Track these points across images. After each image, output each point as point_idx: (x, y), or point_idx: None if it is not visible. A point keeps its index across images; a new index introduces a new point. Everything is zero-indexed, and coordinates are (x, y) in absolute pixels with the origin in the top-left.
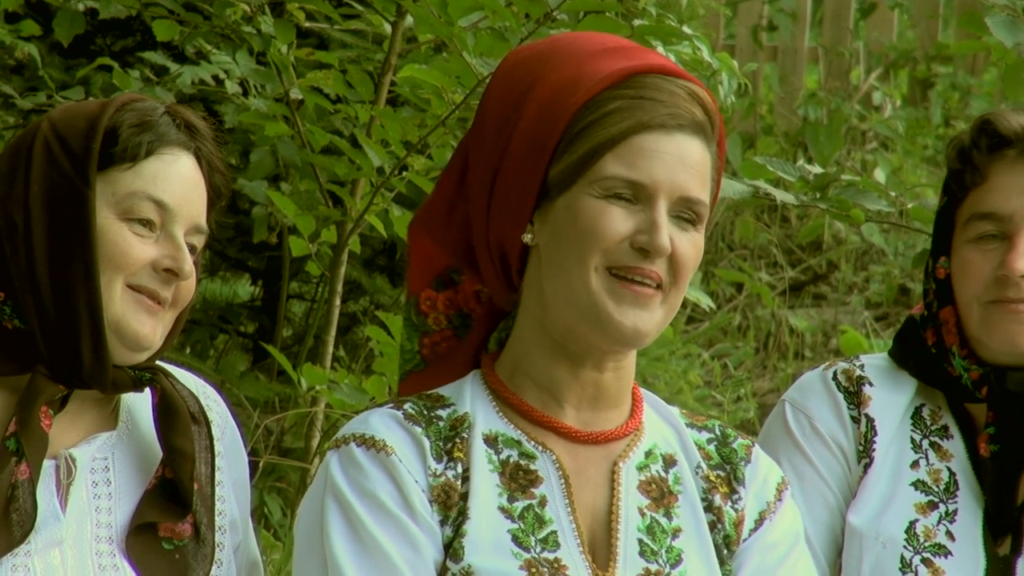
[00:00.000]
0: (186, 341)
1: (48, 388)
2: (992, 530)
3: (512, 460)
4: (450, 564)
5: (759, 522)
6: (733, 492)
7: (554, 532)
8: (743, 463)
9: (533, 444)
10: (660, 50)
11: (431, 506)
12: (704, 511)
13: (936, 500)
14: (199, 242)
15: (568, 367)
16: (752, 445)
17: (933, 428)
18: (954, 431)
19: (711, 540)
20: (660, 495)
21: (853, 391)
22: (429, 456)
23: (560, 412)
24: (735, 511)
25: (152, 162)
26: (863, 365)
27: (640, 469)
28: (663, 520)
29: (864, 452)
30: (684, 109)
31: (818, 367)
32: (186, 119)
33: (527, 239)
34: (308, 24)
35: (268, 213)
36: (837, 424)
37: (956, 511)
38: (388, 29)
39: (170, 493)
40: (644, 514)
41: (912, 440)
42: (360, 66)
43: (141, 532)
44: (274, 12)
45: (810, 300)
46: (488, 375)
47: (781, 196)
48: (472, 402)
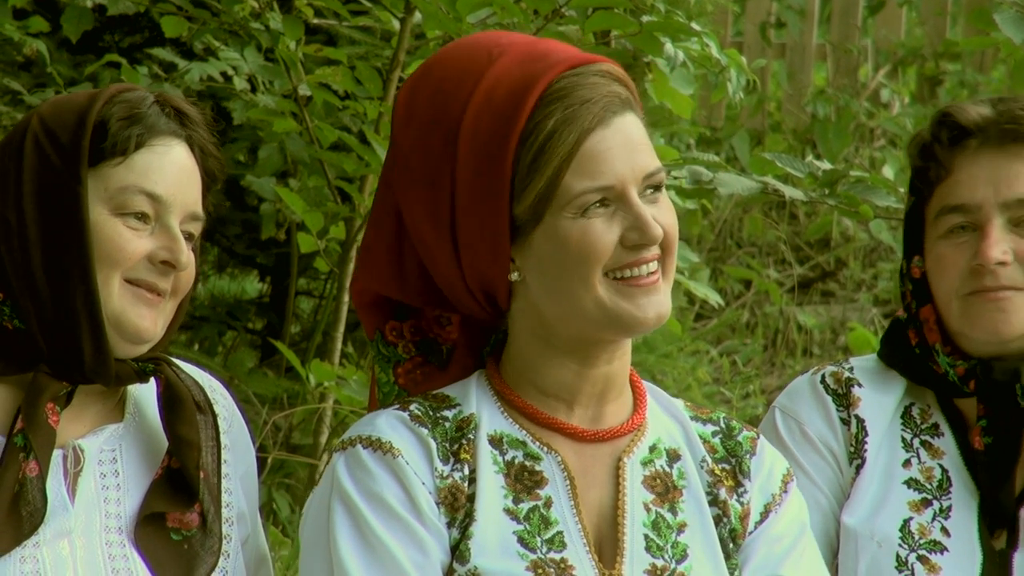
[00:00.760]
0: (194, 338)
1: (52, 385)
2: (987, 524)
3: (517, 461)
4: (457, 566)
5: (764, 515)
6: (738, 485)
7: (560, 532)
8: (748, 456)
9: (538, 445)
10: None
11: (438, 508)
12: (709, 505)
13: (929, 497)
14: (196, 229)
15: (577, 370)
16: (757, 437)
17: (923, 427)
18: (944, 428)
19: (716, 534)
20: (665, 490)
21: (842, 393)
22: (436, 458)
23: (568, 413)
24: (740, 504)
25: (143, 154)
26: (851, 367)
27: (644, 464)
28: (668, 515)
29: (855, 453)
30: (609, 94)
31: (807, 372)
32: (176, 106)
33: (514, 277)
34: (316, 20)
35: (276, 209)
36: (827, 428)
37: (950, 507)
38: (396, 25)
39: (176, 482)
40: (649, 509)
41: (903, 439)
42: (369, 62)
43: (149, 523)
44: (282, 8)
45: (818, 297)
46: (493, 376)
47: (790, 192)
48: (478, 402)
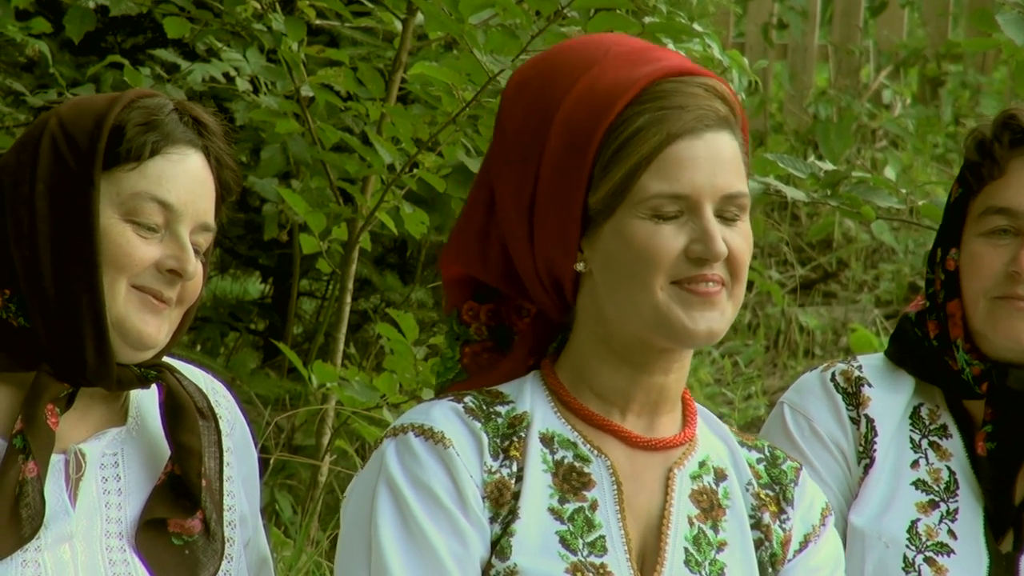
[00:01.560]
0: (197, 339)
1: (53, 386)
2: (993, 527)
3: (567, 461)
4: (495, 562)
5: (804, 544)
6: (781, 512)
7: (602, 537)
8: (792, 484)
9: (589, 448)
10: (670, 47)
11: (483, 502)
12: (751, 528)
13: (937, 499)
14: (206, 240)
15: (632, 375)
16: (800, 467)
17: (932, 428)
18: (953, 430)
19: (755, 557)
20: (710, 507)
21: (852, 392)
22: (486, 452)
23: (621, 419)
24: (783, 530)
25: (157, 162)
26: (861, 366)
27: (693, 478)
28: (710, 532)
29: (864, 453)
30: (707, 108)
31: (816, 368)
32: (195, 116)
33: (580, 267)
34: (319, 21)
35: (279, 210)
36: (836, 426)
37: (957, 510)
38: (399, 26)
39: (179, 489)
40: (692, 524)
41: (911, 440)
42: (371, 63)
43: (151, 528)
44: (285, 9)
45: (820, 298)
46: (548, 376)
47: (792, 193)
48: (532, 401)
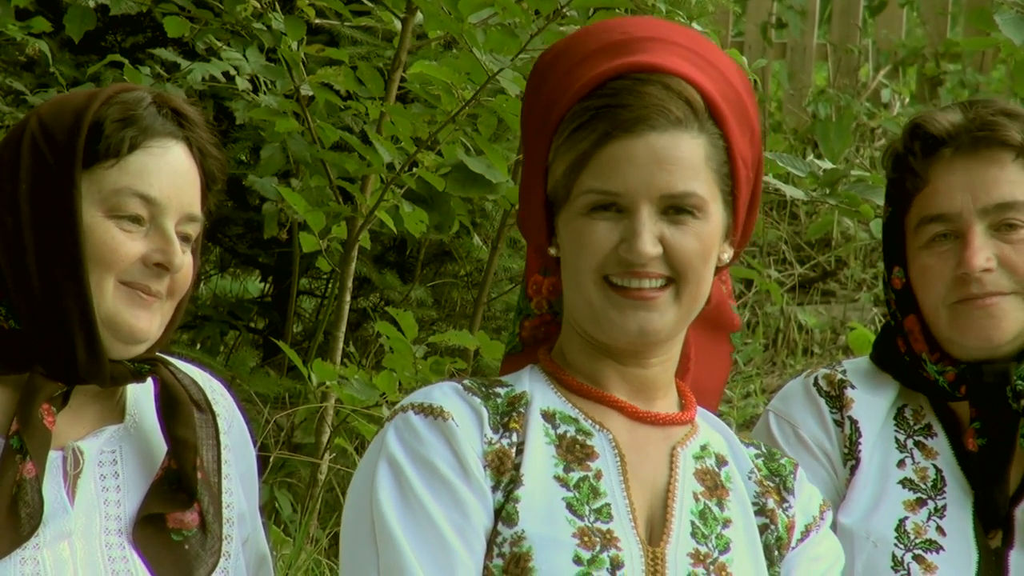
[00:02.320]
0: (196, 337)
1: (47, 386)
2: (983, 523)
3: (569, 435)
4: (502, 528)
5: (805, 534)
6: (783, 500)
7: (608, 504)
8: (791, 476)
9: (590, 423)
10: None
11: (484, 471)
12: (756, 514)
13: (924, 497)
14: (194, 230)
15: (613, 365)
16: (797, 464)
17: (916, 427)
18: (937, 429)
19: (759, 540)
20: (714, 485)
21: (835, 395)
22: (487, 425)
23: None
24: (787, 516)
25: (138, 156)
26: (845, 370)
27: (696, 459)
28: (715, 508)
29: (850, 454)
30: (656, 107)
31: (800, 375)
32: (174, 107)
33: (552, 252)
34: (318, 21)
35: (278, 209)
36: (820, 430)
37: (945, 507)
38: (398, 26)
39: (176, 483)
40: (698, 499)
41: (896, 440)
42: (370, 62)
43: (149, 524)
44: (284, 8)
45: (819, 297)
46: (545, 362)
47: (791, 192)
48: (531, 384)
